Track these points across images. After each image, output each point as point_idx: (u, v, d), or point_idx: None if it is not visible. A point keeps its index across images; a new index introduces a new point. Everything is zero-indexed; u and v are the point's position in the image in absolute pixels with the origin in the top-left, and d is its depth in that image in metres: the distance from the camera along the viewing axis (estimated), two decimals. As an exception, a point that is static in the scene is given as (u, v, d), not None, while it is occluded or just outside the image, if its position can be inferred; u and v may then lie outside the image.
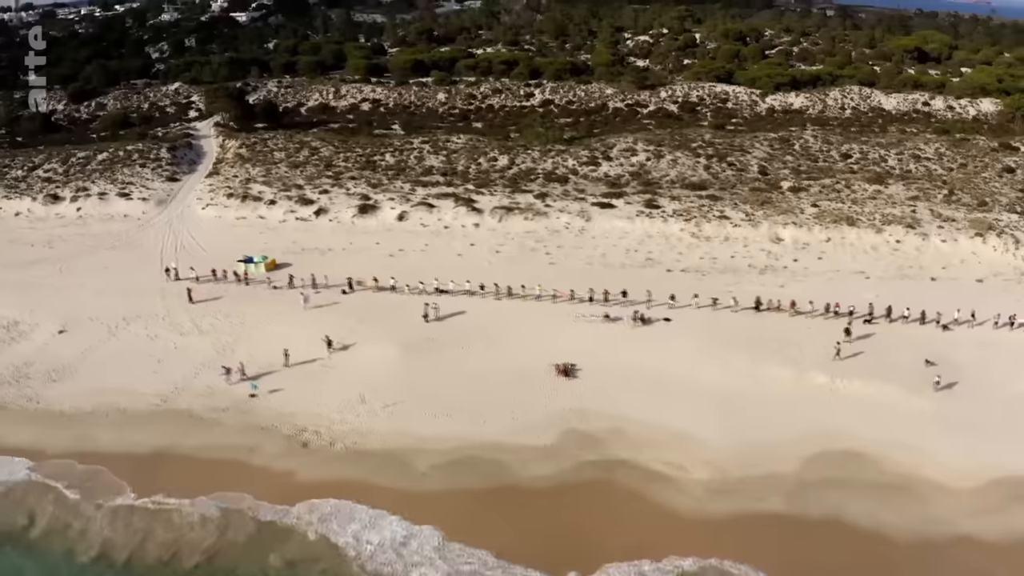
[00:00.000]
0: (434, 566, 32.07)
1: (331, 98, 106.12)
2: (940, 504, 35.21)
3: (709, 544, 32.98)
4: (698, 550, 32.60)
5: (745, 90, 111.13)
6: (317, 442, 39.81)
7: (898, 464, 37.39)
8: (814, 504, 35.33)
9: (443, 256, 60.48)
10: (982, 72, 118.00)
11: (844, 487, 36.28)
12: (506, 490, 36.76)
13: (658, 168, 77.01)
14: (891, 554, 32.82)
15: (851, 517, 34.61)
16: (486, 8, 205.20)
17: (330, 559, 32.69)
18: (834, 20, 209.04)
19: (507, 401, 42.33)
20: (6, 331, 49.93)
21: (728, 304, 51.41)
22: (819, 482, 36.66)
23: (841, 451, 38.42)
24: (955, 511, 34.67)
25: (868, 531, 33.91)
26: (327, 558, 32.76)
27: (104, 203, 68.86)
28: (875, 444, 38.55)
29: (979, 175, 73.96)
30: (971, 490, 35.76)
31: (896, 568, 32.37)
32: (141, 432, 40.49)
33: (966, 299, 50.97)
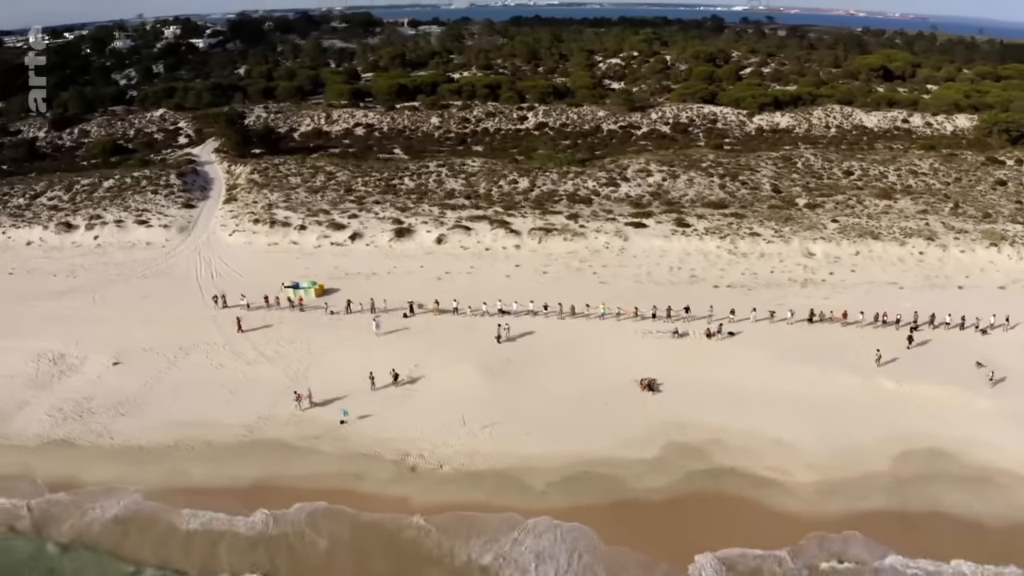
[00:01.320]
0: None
1: (323, 123, 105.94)
2: (1022, 493, 38.14)
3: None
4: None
5: (732, 111, 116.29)
6: (424, 466, 39.92)
7: (976, 458, 40.10)
8: (913, 499, 37.85)
9: (491, 278, 61.23)
10: (949, 89, 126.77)
11: (934, 482, 38.84)
12: (626, 504, 37.74)
13: (676, 188, 79.79)
14: (990, 540, 35.34)
15: (948, 508, 37.26)
16: (449, 33, 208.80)
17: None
18: (791, 40, 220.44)
19: (600, 417, 43.35)
20: (53, 364, 48.29)
21: (784, 317, 53.90)
22: (912, 478, 39.12)
23: (924, 449, 40.92)
24: None
25: (967, 520, 36.53)
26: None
27: (122, 231, 67.19)
28: (952, 441, 41.23)
29: (975, 188, 79.41)
30: None
31: (997, 553, 34.63)
32: (236, 464, 39.90)
33: (993, 305, 54.69)
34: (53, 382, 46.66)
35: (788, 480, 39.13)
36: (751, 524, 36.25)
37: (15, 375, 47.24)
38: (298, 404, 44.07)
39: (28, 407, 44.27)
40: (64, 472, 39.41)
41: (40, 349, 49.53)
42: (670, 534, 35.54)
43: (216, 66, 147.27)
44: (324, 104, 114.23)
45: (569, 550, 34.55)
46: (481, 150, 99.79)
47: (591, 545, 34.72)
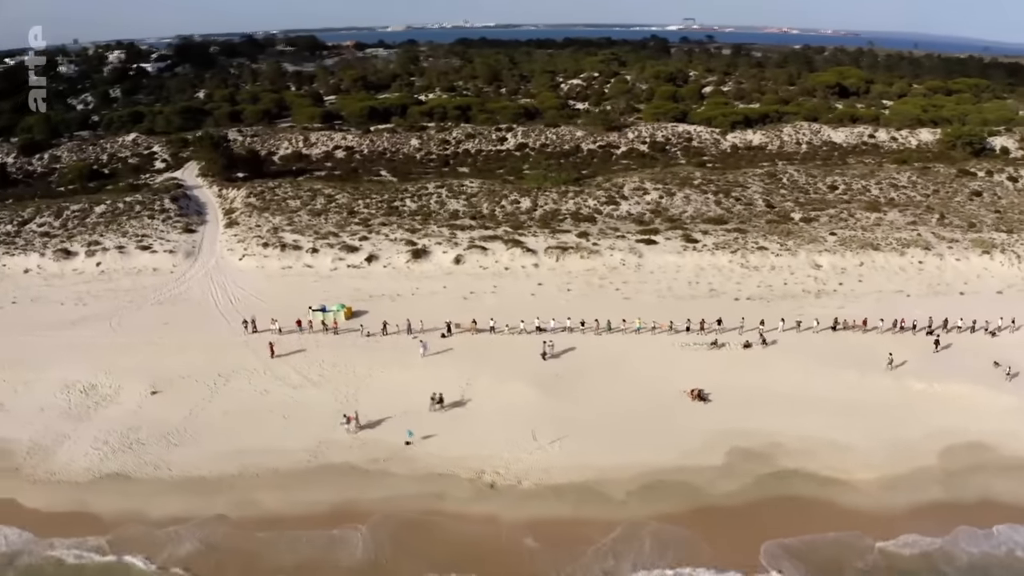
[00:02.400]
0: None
1: (302, 146, 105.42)
2: None
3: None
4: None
5: (706, 129, 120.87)
6: (502, 482, 40.46)
7: (1013, 449, 43.38)
8: (965, 489, 40.72)
9: (516, 296, 62.17)
10: (906, 104, 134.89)
11: (980, 473, 41.88)
12: (707, 509, 39.17)
13: (674, 205, 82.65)
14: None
15: (999, 496, 40.41)
16: (404, 55, 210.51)
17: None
18: (740, 59, 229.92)
19: (658, 427, 44.72)
20: (85, 395, 46.87)
21: (810, 326, 56.70)
22: (960, 470, 42.03)
23: (964, 444, 43.85)
24: None
25: (1018, 506, 39.62)
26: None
27: (125, 257, 65.46)
28: (987, 435, 44.37)
29: (953, 199, 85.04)
30: None
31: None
32: (309, 490, 39.60)
33: (994, 308, 58.97)
34: (90, 414, 45.31)
35: (851, 479, 41.37)
36: (827, 521, 38.15)
37: (46, 407, 45.71)
38: (348, 427, 44.13)
39: (69, 440, 42.89)
40: (126, 507, 38.34)
41: (66, 379, 48.03)
42: (756, 537, 37.24)
43: (174, 90, 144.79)
44: (297, 127, 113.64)
45: (674, 555, 35.82)
46: (467, 171, 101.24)
47: (694, 551, 36.10)
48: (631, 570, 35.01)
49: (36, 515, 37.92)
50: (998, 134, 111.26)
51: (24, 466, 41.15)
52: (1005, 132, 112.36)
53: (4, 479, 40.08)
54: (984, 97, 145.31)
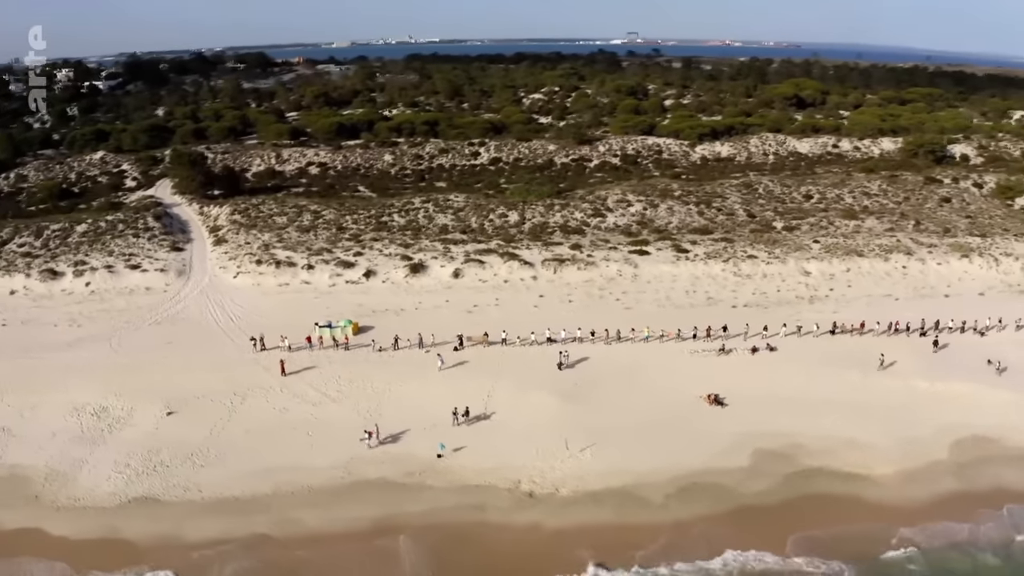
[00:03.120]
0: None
1: (275, 162, 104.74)
2: None
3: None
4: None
5: (675, 141, 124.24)
6: (540, 491, 41.23)
7: (1016, 440, 46.28)
8: (977, 479, 43.34)
9: (519, 308, 63.09)
10: (864, 114, 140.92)
11: (989, 463, 44.61)
12: (744, 509, 40.70)
13: (659, 216, 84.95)
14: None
15: (1010, 484, 43.21)
16: (362, 71, 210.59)
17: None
18: (694, 72, 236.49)
19: (681, 431, 46.17)
20: (97, 419, 45.91)
21: (810, 330, 59.17)
22: (970, 462, 44.70)
23: (970, 437, 46.58)
24: None
25: (1024, 492, 42.73)
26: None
27: (115, 276, 64.05)
28: (991, 428, 47.17)
29: (924, 206, 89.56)
30: None
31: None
32: (348, 507, 39.70)
33: (977, 309, 62.50)
34: (105, 437, 44.38)
35: (872, 474, 43.54)
36: (857, 514, 40.22)
37: (57, 432, 44.63)
38: (368, 441, 44.33)
39: (87, 465, 41.99)
40: (159, 531, 37.75)
41: (74, 403, 46.98)
42: (791, 531, 38.90)
43: (133, 108, 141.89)
44: (267, 144, 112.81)
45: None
46: (444, 186, 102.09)
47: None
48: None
49: (65, 544, 37.00)
50: (957, 142, 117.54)
51: (44, 493, 40.13)
52: (964, 140, 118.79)
53: (26, 507, 39.01)
54: (938, 106, 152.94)
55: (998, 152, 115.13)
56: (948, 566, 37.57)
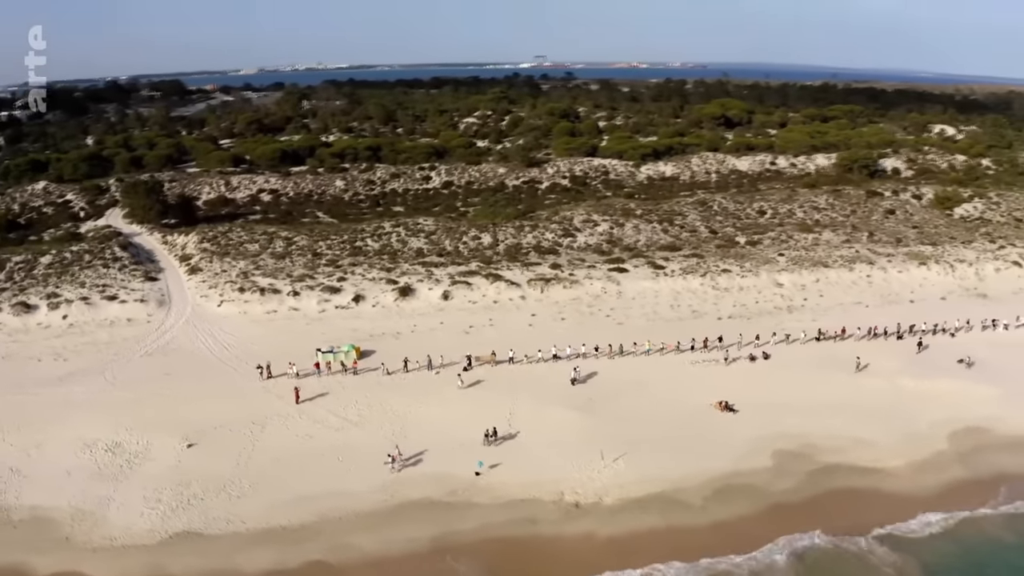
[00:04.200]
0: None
1: (224, 190, 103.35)
2: None
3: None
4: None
5: (620, 162, 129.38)
6: (585, 501, 42.99)
7: (1004, 429, 50.99)
8: (979, 466, 47.78)
9: (514, 328, 64.88)
10: (793, 132, 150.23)
11: (986, 451, 49.23)
12: (778, 506, 43.63)
13: (626, 235, 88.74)
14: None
15: (1009, 469, 47.74)
16: (290, 98, 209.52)
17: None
18: (617, 94, 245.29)
19: (701, 437, 48.96)
20: (112, 454, 44.78)
21: (797, 338, 63.54)
22: (968, 451, 49.20)
23: (963, 429, 51.14)
24: None
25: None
26: None
27: (93, 308, 62.03)
28: (979, 420, 51.85)
29: (871, 218, 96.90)
30: None
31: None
32: (400, 528, 40.27)
33: (943, 313, 68.39)
34: (125, 472, 43.37)
35: (885, 467, 47.35)
36: (877, 505, 43.83)
37: (72, 470, 43.33)
38: (392, 465, 45.15)
39: (114, 503, 40.99)
40: (209, 566, 37.37)
41: (83, 439, 45.68)
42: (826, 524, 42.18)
43: (61, 138, 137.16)
44: (213, 172, 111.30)
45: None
46: (402, 210, 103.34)
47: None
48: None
49: (111, 586, 36.49)
50: (887, 156, 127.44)
51: (75, 534, 38.95)
52: (893, 154, 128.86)
53: (58, 550, 37.73)
54: (860, 122, 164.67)
55: (926, 165, 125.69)
56: (971, 544, 41.44)
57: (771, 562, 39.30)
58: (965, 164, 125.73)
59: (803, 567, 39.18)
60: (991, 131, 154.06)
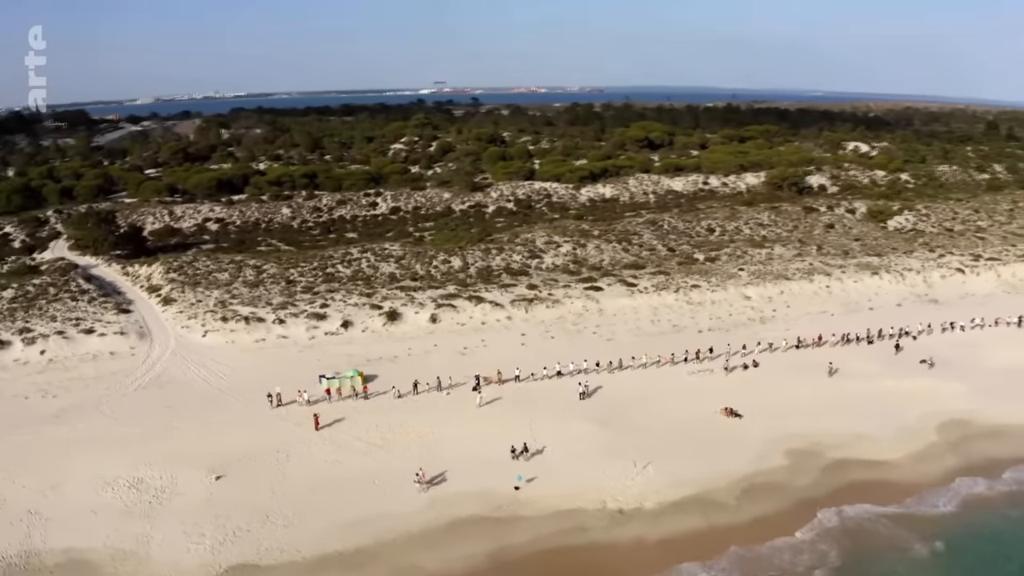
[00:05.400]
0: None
1: (168, 220, 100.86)
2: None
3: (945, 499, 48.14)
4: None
5: (560, 185, 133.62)
6: (627, 507, 45.05)
7: (983, 420, 56.08)
8: (970, 453, 52.60)
9: (507, 347, 66.60)
10: (716, 152, 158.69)
11: (973, 440, 54.17)
12: (803, 501, 46.92)
13: (590, 255, 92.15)
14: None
15: (996, 455, 52.70)
16: (207, 127, 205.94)
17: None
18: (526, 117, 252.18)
19: (715, 442, 51.95)
20: (137, 491, 43.58)
21: (778, 346, 68.06)
22: (958, 441, 54.06)
23: (948, 421, 56.07)
24: None
25: (1013, 459, 52.26)
26: None
27: (71, 343, 59.62)
28: (959, 413, 56.78)
29: (813, 232, 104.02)
30: None
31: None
32: (456, 545, 41.15)
33: (901, 318, 74.51)
34: (156, 509, 42.32)
35: (889, 459, 51.48)
36: (892, 493, 47.78)
37: (96, 509, 41.99)
38: (421, 486, 46.14)
39: (154, 540, 40.00)
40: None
41: (102, 477, 44.29)
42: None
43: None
44: (153, 201, 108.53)
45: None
46: (356, 236, 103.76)
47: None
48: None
49: (176, 623, 35.88)
50: (811, 173, 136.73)
51: (119, 575, 38.25)
52: (816, 171, 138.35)
53: (105, 594, 37.06)
54: (776, 142, 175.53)
55: (850, 181, 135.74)
56: (980, 520, 45.90)
57: (819, 534, 43.45)
58: (886, 179, 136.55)
59: (845, 541, 43.10)
60: (903, 147, 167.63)
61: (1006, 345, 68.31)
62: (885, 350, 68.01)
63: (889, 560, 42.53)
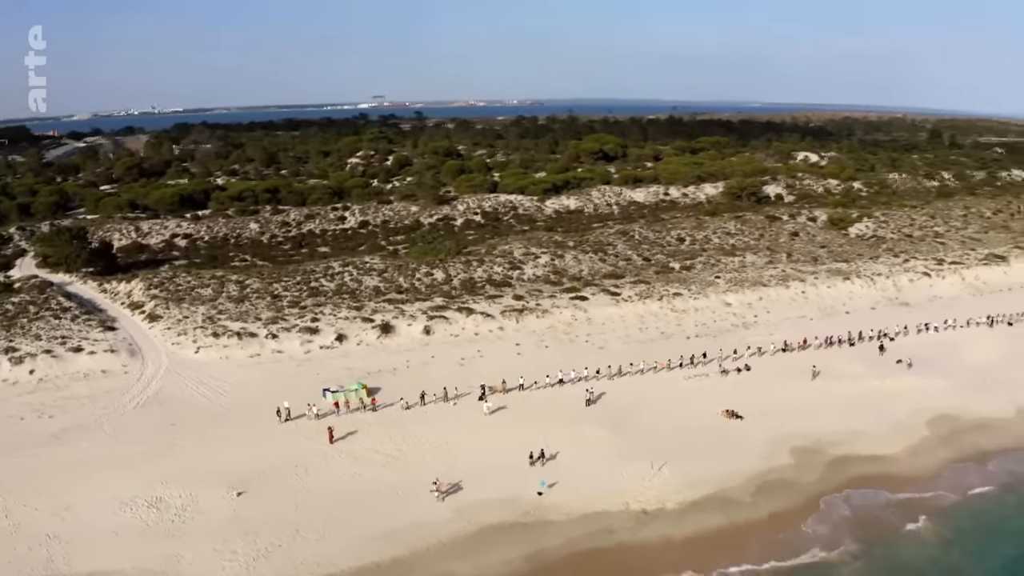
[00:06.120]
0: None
1: (135, 236, 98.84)
2: (1011, 427, 58.62)
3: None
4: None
5: (525, 198, 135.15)
6: (650, 508, 46.21)
7: (969, 415, 59.12)
8: (961, 446, 55.47)
9: (503, 357, 67.31)
10: (671, 164, 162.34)
11: (962, 433, 57.08)
12: (816, 495, 48.97)
13: (568, 266, 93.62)
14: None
15: (985, 447, 55.72)
16: (158, 142, 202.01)
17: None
18: (476, 132, 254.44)
19: (722, 443, 53.68)
20: (156, 511, 42.77)
21: (766, 350, 70.50)
22: (948, 435, 56.88)
23: (938, 416, 58.88)
24: (1019, 426, 58.77)
25: (1000, 449, 55.58)
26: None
27: (60, 362, 58.06)
28: (945, 408, 59.64)
29: (779, 240, 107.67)
30: (1018, 412, 60.32)
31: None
32: (490, 552, 41.68)
33: (876, 321, 77.80)
34: (180, 527, 41.64)
35: (887, 454, 53.93)
36: (895, 486, 50.30)
37: (118, 530, 41.11)
38: (439, 495, 46.67)
39: (184, 560, 39.31)
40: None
41: (117, 497, 43.37)
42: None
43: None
44: (116, 218, 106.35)
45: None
46: (328, 250, 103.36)
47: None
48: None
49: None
50: (767, 183, 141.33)
51: (153, 597, 37.64)
52: (772, 181, 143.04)
53: (144, 617, 36.45)
54: (727, 153, 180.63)
55: (805, 190, 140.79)
56: (981, 507, 48.87)
57: (835, 524, 45.89)
58: (840, 188, 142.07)
59: (858, 531, 45.45)
60: (852, 156, 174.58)
61: (979, 344, 72.29)
62: (867, 351, 71.06)
63: (899, 544, 44.86)
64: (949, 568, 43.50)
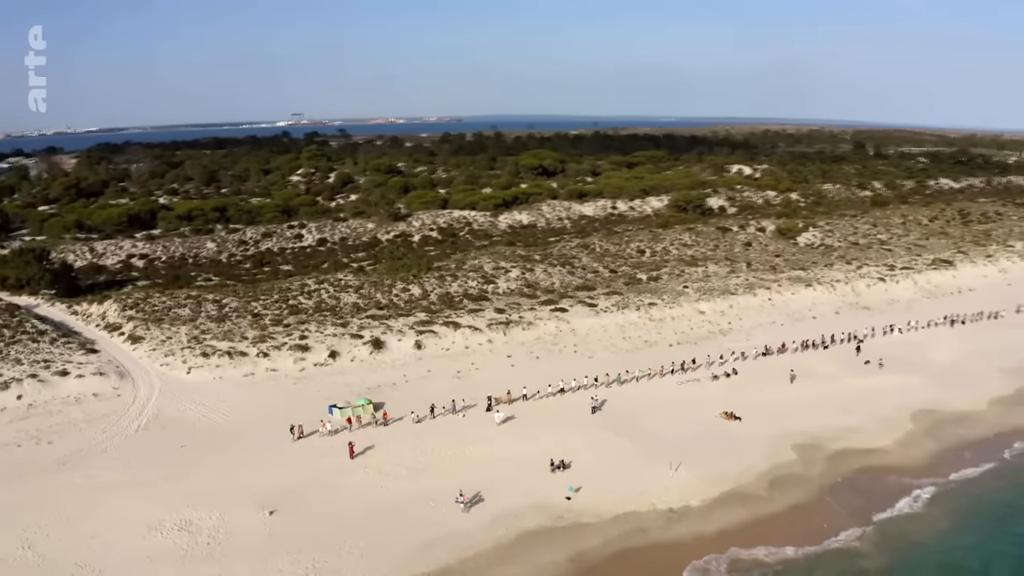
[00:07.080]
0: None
1: (90, 256, 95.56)
2: (986, 417, 63.14)
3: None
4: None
5: (479, 213, 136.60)
6: (677, 506, 47.97)
7: (947, 408, 63.42)
8: (945, 437, 59.41)
9: (498, 369, 68.28)
10: (612, 178, 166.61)
11: (943, 425, 61.13)
12: (826, 487, 51.75)
13: (539, 279, 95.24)
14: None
15: (967, 436, 59.91)
16: (88, 161, 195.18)
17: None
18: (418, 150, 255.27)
19: (728, 442, 56.09)
20: (188, 534, 41.81)
21: (749, 355, 73.63)
22: (931, 427, 60.86)
23: (919, 411, 62.91)
24: (992, 416, 63.29)
25: (980, 439, 59.65)
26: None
27: (48, 386, 55.76)
28: (924, 404, 63.83)
29: (734, 250, 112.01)
30: (989, 404, 65.03)
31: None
32: (533, 556, 42.55)
33: (841, 324, 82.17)
34: (217, 550, 40.84)
35: (881, 447, 57.32)
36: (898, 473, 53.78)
37: (152, 556, 40.04)
38: (464, 506, 47.43)
39: (254, 583, 39.12)
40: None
41: (145, 522, 42.27)
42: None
43: None
44: (66, 239, 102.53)
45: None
46: (291, 268, 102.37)
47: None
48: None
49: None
50: (709, 196, 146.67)
51: (208, 623, 36.95)
52: (714, 194, 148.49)
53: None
54: (663, 167, 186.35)
55: (746, 202, 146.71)
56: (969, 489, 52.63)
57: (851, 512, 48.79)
58: (779, 199, 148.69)
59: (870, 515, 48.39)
60: (785, 168, 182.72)
61: (942, 343, 77.53)
62: (841, 353, 75.09)
63: (909, 525, 47.98)
64: (958, 545, 46.47)
